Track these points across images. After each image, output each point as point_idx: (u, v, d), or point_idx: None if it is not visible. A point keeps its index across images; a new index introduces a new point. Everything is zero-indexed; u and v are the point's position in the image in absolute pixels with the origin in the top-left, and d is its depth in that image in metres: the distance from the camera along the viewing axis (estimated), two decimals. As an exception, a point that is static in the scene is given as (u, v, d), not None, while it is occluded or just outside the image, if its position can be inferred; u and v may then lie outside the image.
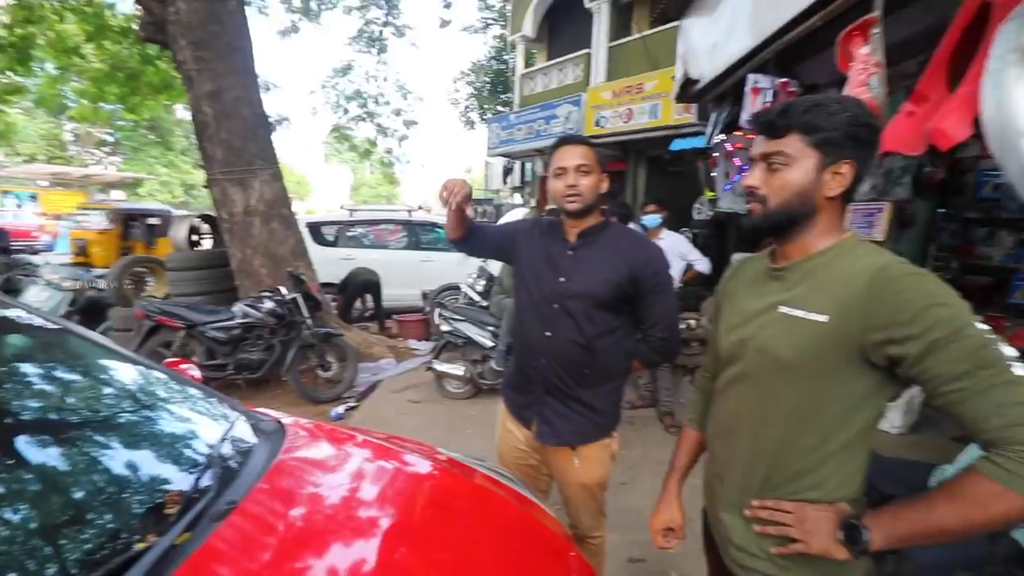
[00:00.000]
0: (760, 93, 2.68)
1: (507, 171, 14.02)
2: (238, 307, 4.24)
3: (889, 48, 1.92)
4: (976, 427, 0.76)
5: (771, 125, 0.91)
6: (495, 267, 5.50)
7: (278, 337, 4.31)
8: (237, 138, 4.96)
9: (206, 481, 1.15)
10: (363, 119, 12.19)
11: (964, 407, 0.76)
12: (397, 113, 12.46)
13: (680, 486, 1.25)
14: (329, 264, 6.77)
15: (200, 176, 5.44)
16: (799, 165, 0.89)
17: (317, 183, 45.64)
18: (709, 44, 3.37)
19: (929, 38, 1.81)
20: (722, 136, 3.36)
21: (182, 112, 18.57)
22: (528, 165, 13.75)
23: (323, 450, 1.48)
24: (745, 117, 2.80)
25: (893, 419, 3.38)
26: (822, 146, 0.87)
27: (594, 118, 8.97)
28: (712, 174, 3.53)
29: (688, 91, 3.87)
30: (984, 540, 1.58)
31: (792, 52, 2.60)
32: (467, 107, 18.70)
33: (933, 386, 0.78)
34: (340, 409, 4.04)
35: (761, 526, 0.95)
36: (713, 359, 1.16)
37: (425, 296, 6.58)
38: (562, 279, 1.49)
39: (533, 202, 13.05)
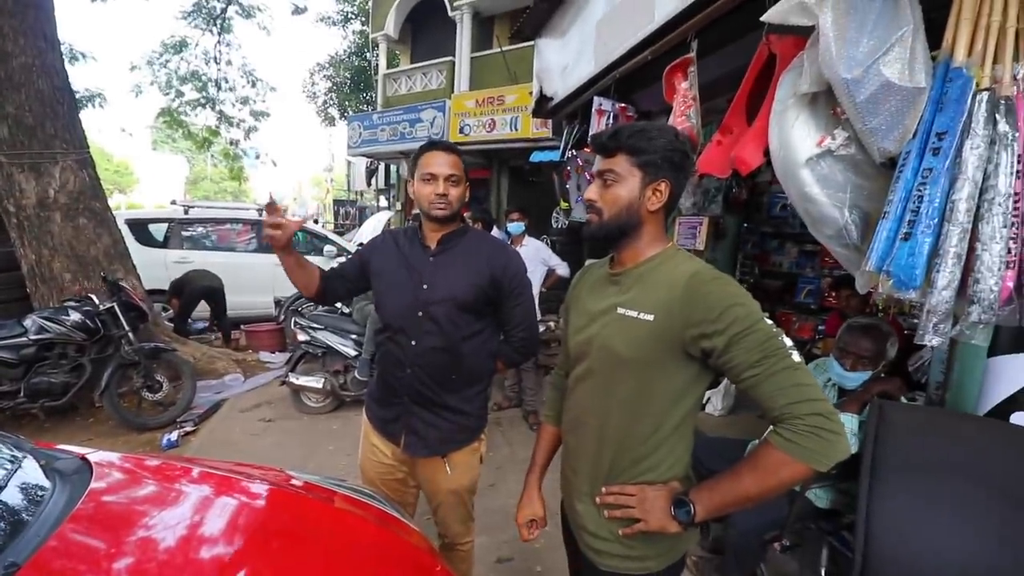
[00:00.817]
0: (604, 115, 2.93)
1: (371, 172, 13.50)
2: (31, 320, 3.45)
3: (703, 86, 2.24)
4: (767, 406, 0.88)
5: (604, 146, 1.02)
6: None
7: (89, 355, 3.59)
8: (28, 114, 4.05)
9: (-29, 545, 0.91)
10: (201, 105, 10.74)
11: (758, 390, 0.88)
12: (244, 102, 11.21)
13: (540, 480, 1.31)
14: (157, 267, 5.86)
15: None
16: (626, 182, 1.00)
17: (143, 173, 39.22)
18: (561, 65, 3.62)
19: (734, 79, 2.14)
20: (573, 151, 3.62)
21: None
22: (393, 167, 13.39)
23: (143, 489, 1.27)
24: (592, 134, 3.04)
25: (715, 402, 3.93)
26: (644, 166, 0.99)
27: (458, 125, 9.07)
28: (567, 186, 3.78)
29: (544, 107, 4.09)
30: (785, 503, 1.91)
31: (630, 81, 2.89)
32: (326, 102, 17.59)
33: (735, 373, 0.90)
34: (173, 436, 3.50)
35: (610, 511, 1.04)
36: (564, 358, 1.24)
37: (279, 303, 6.02)
38: (425, 286, 1.47)
39: (399, 205, 12.73)
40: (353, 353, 3.92)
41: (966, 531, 1.35)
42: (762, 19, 1.40)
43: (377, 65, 12.52)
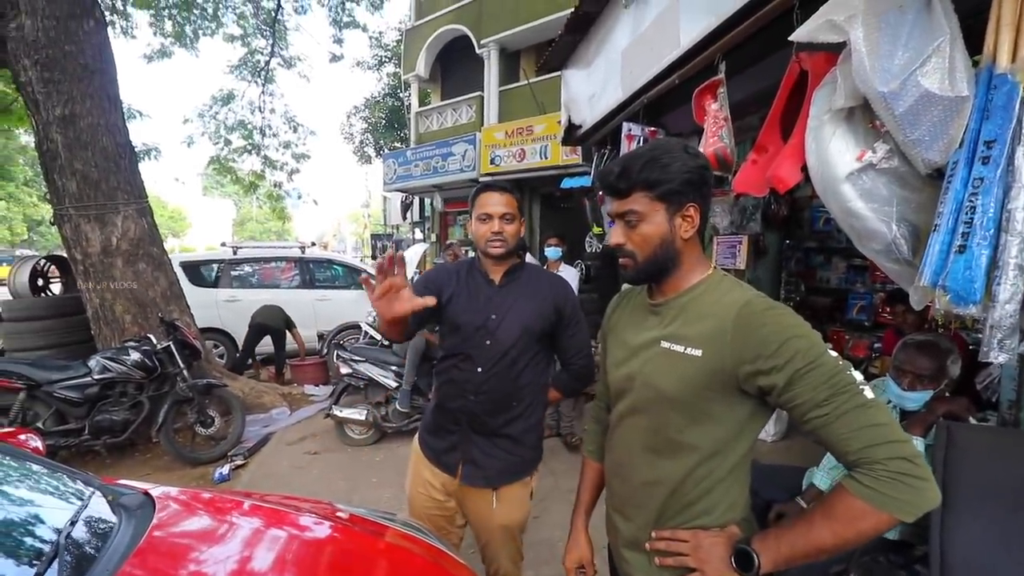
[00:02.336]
0: (634, 139, 2.96)
1: (406, 206, 13.90)
2: (95, 361, 3.67)
3: (734, 105, 2.24)
4: (839, 449, 0.80)
5: (615, 189, 0.96)
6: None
7: (147, 393, 3.79)
8: (95, 169, 4.41)
9: (49, 577, 0.97)
10: (247, 151, 11.43)
11: (828, 431, 0.80)
12: (286, 146, 11.86)
13: (586, 521, 1.25)
14: (209, 307, 6.16)
15: (49, 211, 4.70)
16: (651, 219, 0.94)
17: (195, 217, 41.68)
18: (588, 94, 3.68)
19: (765, 97, 2.13)
20: (606, 176, 3.65)
21: (27, 138, 16.12)
22: (427, 200, 13.76)
23: (202, 523, 1.32)
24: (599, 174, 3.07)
25: (768, 428, 3.77)
26: (665, 198, 0.93)
27: (489, 156, 9.28)
28: (604, 210, 3.80)
29: (572, 135, 4.16)
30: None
31: (659, 104, 2.92)
32: (362, 142, 18.37)
33: (800, 413, 0.82)
34: (224, 470, 3.62)
35: (661, 558, 0.97)
36: (604, 388, 1.19)
37: (321, 337, 6.20)
38: (493, 316, 1.52)
39: (433, 237, 13.02)
40: (394, 384, 3.98)
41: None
42: (791, 38, 1.40)
43: (410, 104, 13.03)
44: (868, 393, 0.80)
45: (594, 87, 3.59)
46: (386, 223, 20.49)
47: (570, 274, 3.97)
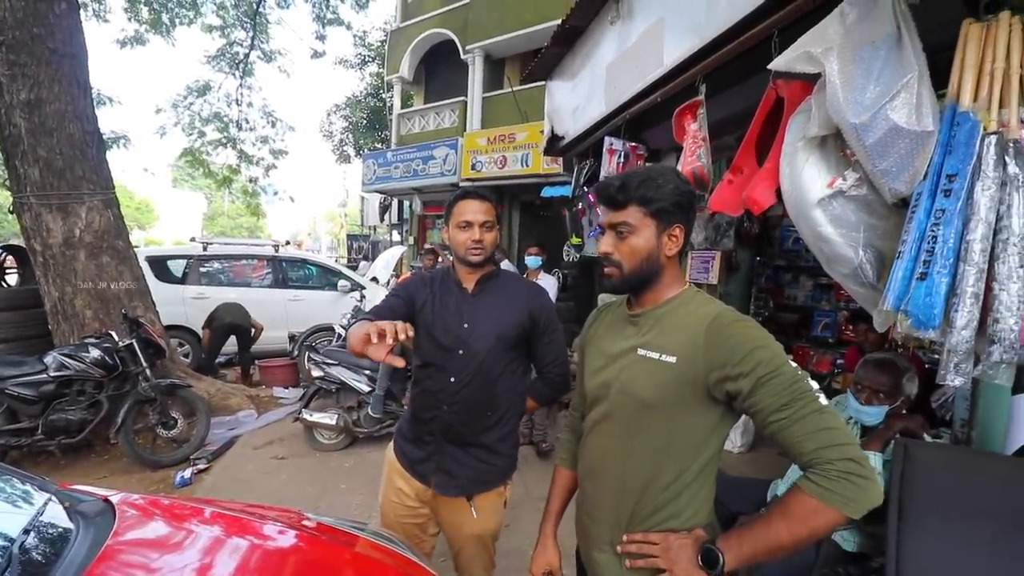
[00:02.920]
0: (615, 154, 3.01)
1: (384, 208, 13.79)
2: (52, 357, 3.52)
3: (713, 123, 2.30)
4: (795, 451, 0.87)
5: (613, 199, 1.02)
6: (370, 306, 5.31)
7: (106, 392, 3.64)
8: (59, 157, 4.24)
9: (-1, 590, 0.92)
10: (223, 144, 11.16)
11: (785, 434, 0.87)
12: (263, 141, 11.63)
13: (555, 527, 1.28)
14: (175, 304, 5.97)
15: (5, 196, 4.48)
16: (641, 233, 1.01)
17: (163, 210, 40.36)
18: (572, 106, 3.73)
19: (743, 118, 2.20)
20: (585, 188, 3.69)
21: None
22: (406, 203, 13.67)
23: (164, 531, 1.27)
24: (604, 173, 3.11)
25: (734, 439, 3.86)
26: (657, 215, 1.00)
27: (471, 162, 9.29)
28: (583, 221, 3.84)
29: (555, 145, 4.20)
30: (812, 547, 1.85)
31: (641, 120, 2.98)
32: (342, 140, 18.16)
33: (761, 418, 0.89)
34: (186, 473, 3.50)
35: (632, 560, 1.01)
36: (580, 399, 1.23)
37: (293, 339, 6.08)
38: (466, 325, 1.51)
39: (411, 240, 12.93)
40: (367, 389, 3.92)
41: (999, 575, 1.30)
42: (769, 67, 1.45)
43: (392, 105, 12.95)
44: (823, 400, 0.88)
45: (578, 100, 3.64)
46: (363, 224, 20.27)
47: (549, 283, 4.00)
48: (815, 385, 0.89)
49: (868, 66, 1.26)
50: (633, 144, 3.12)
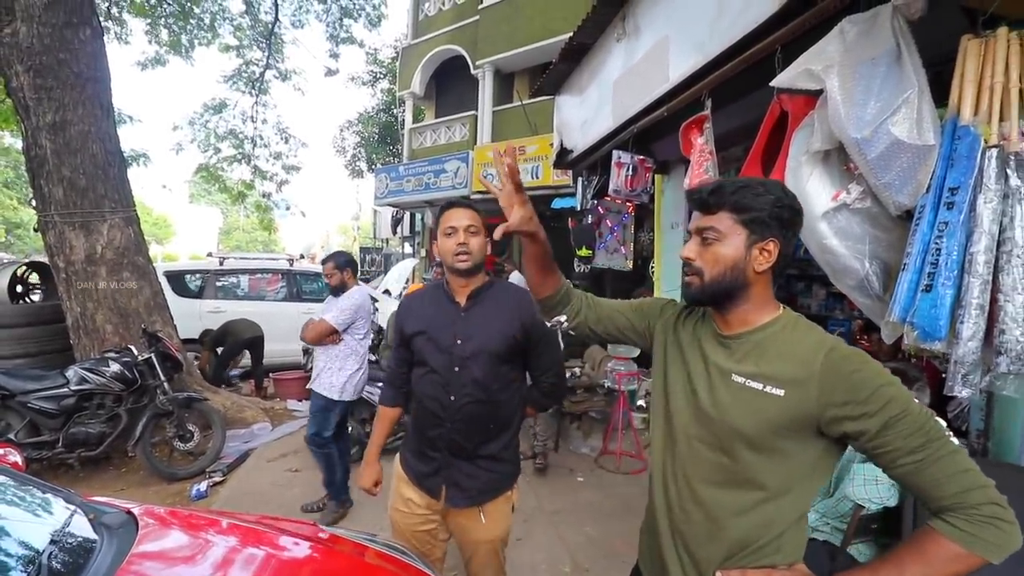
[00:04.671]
0: (623, 167, 3.05)
1: (397, 221, 13.95)
2: (73, 371, 3.61)
3: (720, 135, 2.33)
4: (933, 494, 0.81)
5: (704, 203, 0.96)
6: (384, 320, 5.37)
7: (125, 405, 3.72)
8: (83, 176, 4.38)
9: (30, 597, 0.96)
10: (238, 160, 11.41)
11: (920, 477, 0.81)
12: (277, 157, 11.87)
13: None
14: (192, 318, 6.09)
15: (29, 214, 4.62)
16: (729, 241, 0.93)
17: (180, 225, 41.21)
18: (580, 120, 3.79)
19: (749, 129, 2.23)
20: (595, 200, 3.73)
21: (9, 139, 15.87)
22: (418, 216, 13.83)
23: (185, 543, 1.32)
24: (612, 186, 3.15)
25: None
26: (749, 224, 0.92)
27: (481, 174, 9.36)
28: (599, 232, 3.87)
29: (564, 159, 4.26)
30: (826, 559, 1.83)
31: (648, 133, 3.02)
32: (354, 156, 18.46)
33: (890, 459, 0.82)
34: (202, 486, 3.55)
35: None
36: (622, 321, 1.18)
37: (307, 351, 6.15)
38: (459, 341, 1.53)
39: (423, 252, 13.05)
40: (379, 401, 3.96)
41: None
42: (772, 84, 1.48)
43: (403, 120, 13.17)
44: (955, 439, 0.83)
45: (586, 114, 3.70)
46: (376, 237, 20.50)
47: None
48: (943, 423, 0.86)
49: (868, 82, 1.28)
50: (641, 157, 3.15)
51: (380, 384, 3.96)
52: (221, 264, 6.74)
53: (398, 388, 1.73)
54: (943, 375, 2.66)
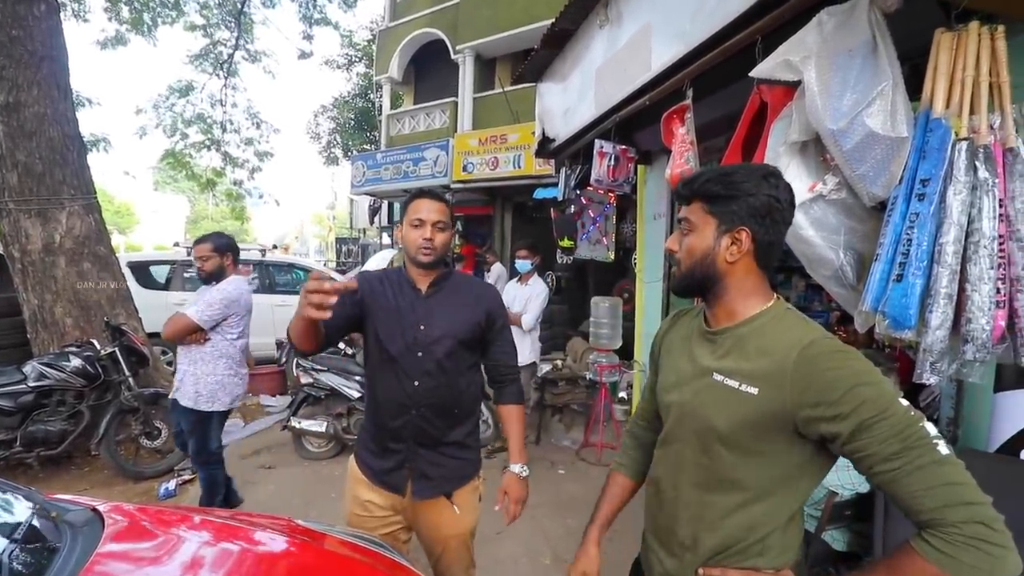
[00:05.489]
0: (605, 156, 3.08)
1: (374, 210, 13.80)
2: (31, 366, 3.51)
3: (700, 127, 2.37)
4: (910, 507, 0.76)
5: (678, 194, 0.98)
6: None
7: (88, 402, 3.64)
8: (39, 161, 4.24)
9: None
10: (206, 146, 11.14)
11: (896, 487, 0.77)
12: (248, 143, 11.62)
13: (600, 534, 1.20)
14: (159, 311, 5.94)
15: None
16: (700, 231, 0.94)
17: (144, 214, 40.07)
18: (562, 108, 3.80)
19: (730, 120, 2.27)
20: (577, 191, 3.75)
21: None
22: (396, 205, 13.70)
23: (154, 540, 1.30)
24: (595, 176, 3.17)
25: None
26: (717, 214, 0.92)
27: (462, 163, 9.34)
28: (577, 223, 3.89)
29: (546, 148, 4.26)
30: (801, 545, 1.90)
31: (630, 123, 3.04)
32: (329, 142, 18.16)
33: (866, 465, 0.79)
34: (171, 484, 3.50)
35: None
36: (649, 408, 1.17)
37: (280, 345, 6.08)
38: (422, 327, 1.54)
39: (401, 243, 12.95)
40: (357, 395, 3.95)
41: None
42: (751, 75, 1.52)
43: (381, 106, 12.99)
44: (943, 448, 0.76)
45: (568, 102, 3.71)
46: (352, 227, 20.26)
47: (540, 288, 4.00)
48: (932, 429, 0.78)
49: (845, 74, 1.32)
50: (623, 147, 3.18)
51: (358, 378, 3.98)
52: (189, 254, 6.58)
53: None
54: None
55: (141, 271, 6.23)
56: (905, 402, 0.80)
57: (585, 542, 1.19)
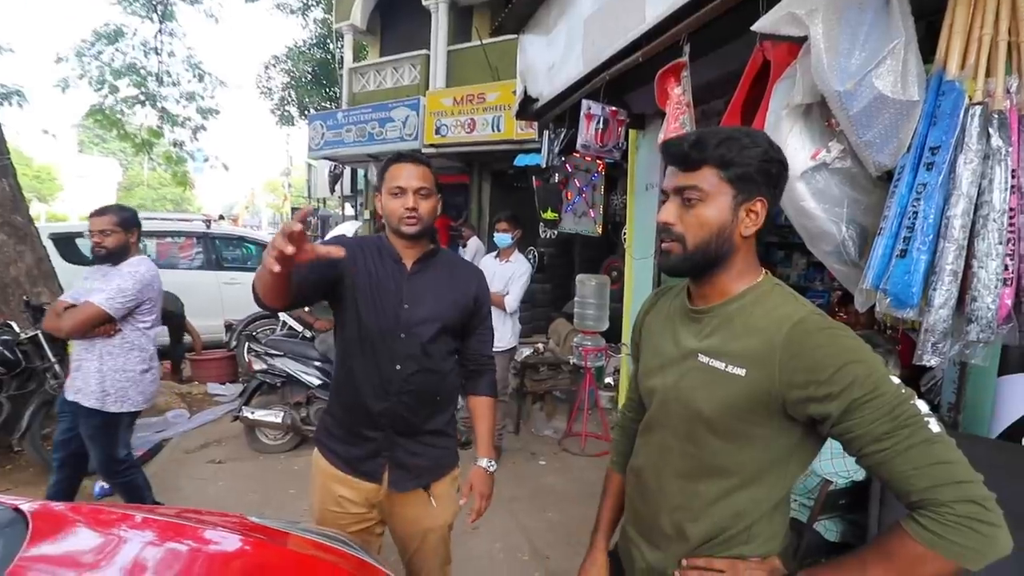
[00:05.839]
0: (593, 119, 3.06)
1: (335, 177, 13.54)
2: (-62, 353, 3.40)
3: (698, 88, 2.37)
4: (901, 488, 0.80)
5: (685, 157, 0.92)
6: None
7: (7, 392, 3.54)
8: (-61, 117, 4.04)
9: None
10: (140, 102, 10.71)
11: (887, 468, 0.80)
12: (189, 98, 11.20)
13: (607, 541, 1.24)
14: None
15: None
16: (715, 202, 0.91)
17: (68, 179, 38.58)
18: (547, 64, 3.75)
19: (729, 82, 2.27)
20: (562, 157, 3.73)
21: None
22: (360, 171, 13.45)
23: (86, 541, 1.29)
24: (581, 140, 3.16)
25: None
26: (736, 182, 0.90)
27: (434, 125, 9.19)
28: (567, 193, 3.87)
29: (528, 108, 4.22)
30: (793, 536, 1.99)
31: (621, 82, 3.02)
32: (283, 99, 17.64)
33: (856, 446, 0.82)
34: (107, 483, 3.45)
35: None
36: (635, 397, 1.21)
37: (230, 328, 6.00)
38: (406, 305, 1.54)
39: (367, 214, 12.78)
40: (317, 382, 3.93)
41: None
42: (753, 28, 1.52)
43: (341, 58, 12.64)
44: (934, 426, 0.80)
45: (553, 57, 3.66)
46: (311, 196, 19.85)
47: (523, 266, 3.95)
48: (924, 407, 0.83)
49: (854, 30, 1.33)
50: (613, 108, 3.17)
51: (317, 363, 3.95)
52: (122, 225, 6.40)
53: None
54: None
55: (66, 244, 6.04)
56: (896, 379, 0.84)
57: (592, 550, 1.23)
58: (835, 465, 1.88)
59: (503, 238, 3.86)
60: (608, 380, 5.12)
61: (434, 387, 1.59)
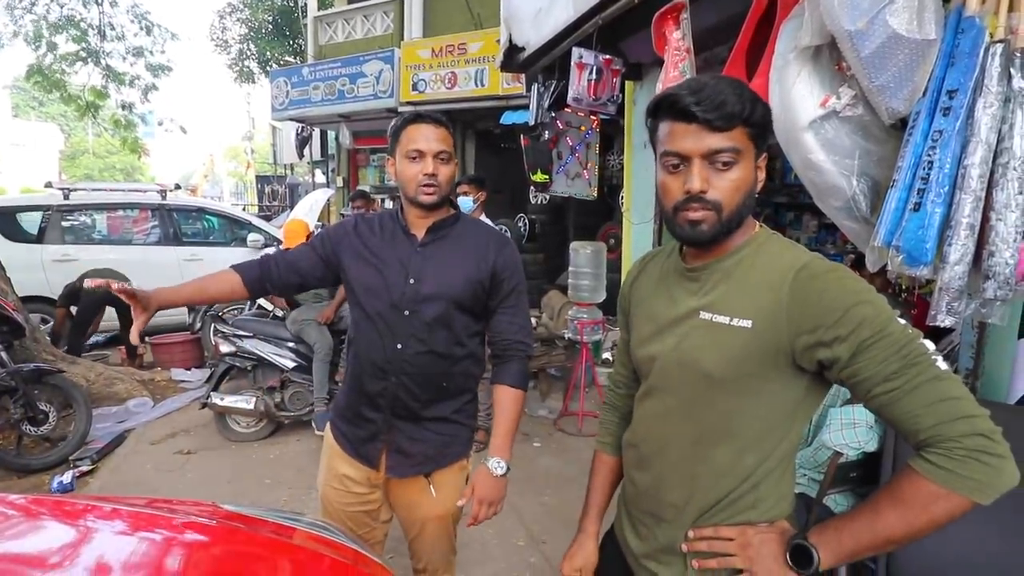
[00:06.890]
0: (585, 68, 3.03)
1: (303, 140, 13.32)
2: None
3: (701, 33, 2.36)
4: (910, 427, 0.84)
5: (728, 115, 0.89)
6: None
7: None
8: None
9: None
10: (82, 59, 10.41)
11: (896, 408, 0.84)
12: (137, 54, 10.90)
13: (598, 524, 1.27)
14: (33, 268, 5.75)
15: None
16: (747, 161, 0.93)
17: (3, 148, 37.72)
18: (533, 9, 3.69)
19: (734, 26, 2.26)
20: (552, 113, 3.70)
21: None
22: (331, 134, 13.25)
23: (48, 533, 1.30)
24: (572, 94, 3.13)
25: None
26: (756, 139, 0.94)
27: (411, 80, 9.06)
28: (558, 152, 3.85)
29: (513, 59, 4.16)
30: (803, 510, 2.05)
31: (615, 27, 2.99)
32: (241, 52, 17.25)
33: (865, 388, 0.86)
34: (65, 477, 3.47)
35: (700, 560, 1.00)
36: (624, 371, 1.25)
37: (193, 309, 5.97)
38: (412, 280, 1.53)
39: (340, 181, 12.64)
40: (291, 365, 3.94)
41: (993, 532, 1.50)
42: (757, -39, 1.50)
43: (305, 5, 12.33)
44: (941, 364, 0.84)
45: (540, 1, 3.60)
46: (276, 162, 19.58)
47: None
48: (930, 346, 0.90)
49: (866, -39, 1.32)
50: (607, 57, 3.14)
51: (291, 344, 3.96)
52: (66, 198, 6.30)
53: (255, 268, 1.66)
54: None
55: (6, 220, 5.95)
56: (902, 320, 0.88)
57: (580, 535, 1.27)
58: (845, 436, 1.93)
59: (465, 202, 3.78)
60: (606, 355, 5.17)
61: (440, 371, 1.57)
